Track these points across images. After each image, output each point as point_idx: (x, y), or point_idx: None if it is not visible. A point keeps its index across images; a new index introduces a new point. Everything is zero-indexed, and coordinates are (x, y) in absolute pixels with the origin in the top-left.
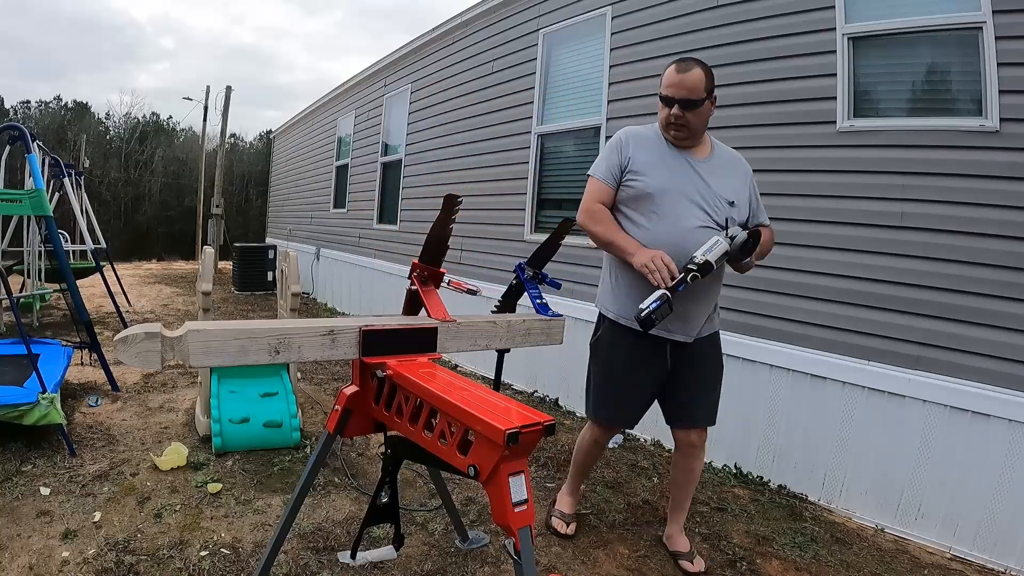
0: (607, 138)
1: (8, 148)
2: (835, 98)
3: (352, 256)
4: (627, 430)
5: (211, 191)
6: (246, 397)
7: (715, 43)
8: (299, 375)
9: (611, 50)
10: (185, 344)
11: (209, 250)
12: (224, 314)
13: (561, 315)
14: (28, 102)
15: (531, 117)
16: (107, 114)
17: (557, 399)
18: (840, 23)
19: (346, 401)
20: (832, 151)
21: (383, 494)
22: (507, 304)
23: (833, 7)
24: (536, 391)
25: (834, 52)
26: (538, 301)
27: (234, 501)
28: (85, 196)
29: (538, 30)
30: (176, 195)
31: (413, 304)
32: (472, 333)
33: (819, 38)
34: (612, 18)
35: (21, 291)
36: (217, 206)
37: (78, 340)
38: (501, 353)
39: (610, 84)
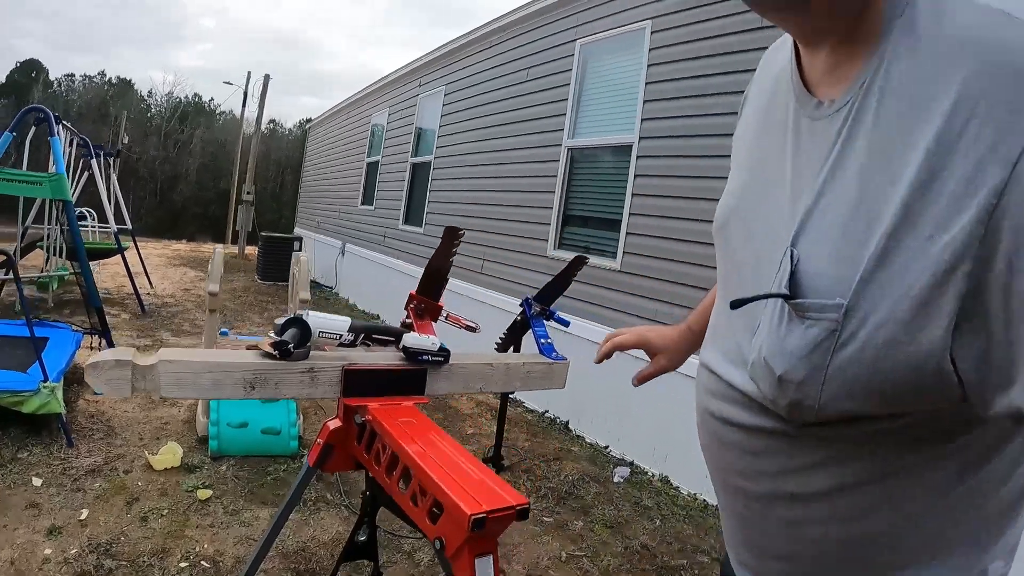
0: (639, 158)
1: (33, 129)
2: None
3: (376, 255)
4: (634, 463)
5: (245, 177)
6: (247, 401)
7: (753, 67)
8: None
9: (648, 66)
10: (156, 375)
11: (219, 250)
12: (242, 304)
13: (566, 359)
14: (72, 75)
15: (562, 130)
16: (149, 92)
17: (568, 422)
18: None
19: (328, 435)
20: None
21: (361, 532)
22: (510, 341)
23: None
24: (547, 411)
25: None
26: (543, 341)
27: (222, 510)
28: (115, 177)
29: (575, 40)
30: (213, 177)
31: None
32: (465, 375)
33: None
34: (651, 33)
35: (44, 268)
36: (248, 193)
37: (89, 325)
38: (504, 396)
39: (645, 101)
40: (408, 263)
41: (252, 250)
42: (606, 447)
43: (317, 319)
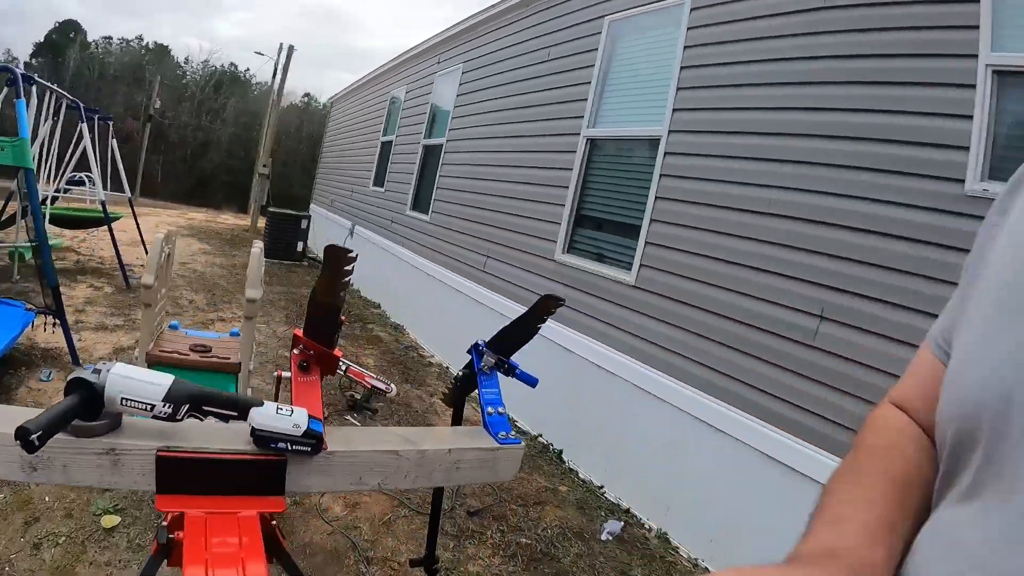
0: (666, 154)
1: (5, 91)
2: (967, 148)
3: (383, 240)
4: (630, 510)
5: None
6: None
7: (809, 54)
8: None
9: (684, 48)
10: None
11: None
12: (236, 283)
13: (519, 442)
14: (110, 38)
15: (583, 117)
16: (186, 59)
17: (561, 452)
18: (984, 51)
19: (171, 522)
20: (956, 220)
21: None
22: (454, 397)
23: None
24: (541, 435)
25: (973, 87)
26: (491, 411)
27: (125, 544)
28: (114, 142)
29: (603, 16)
30: (244, 147)
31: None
32: (352, 467)
33: (956, 65)
34: (691, 10)
35: (17, 239)
36: (264, 166)
37: (44, 305)
38: (438, 493)
39: (678, 89)
40: (413, 252)
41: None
42: (601, 487)
43: (121, 379)
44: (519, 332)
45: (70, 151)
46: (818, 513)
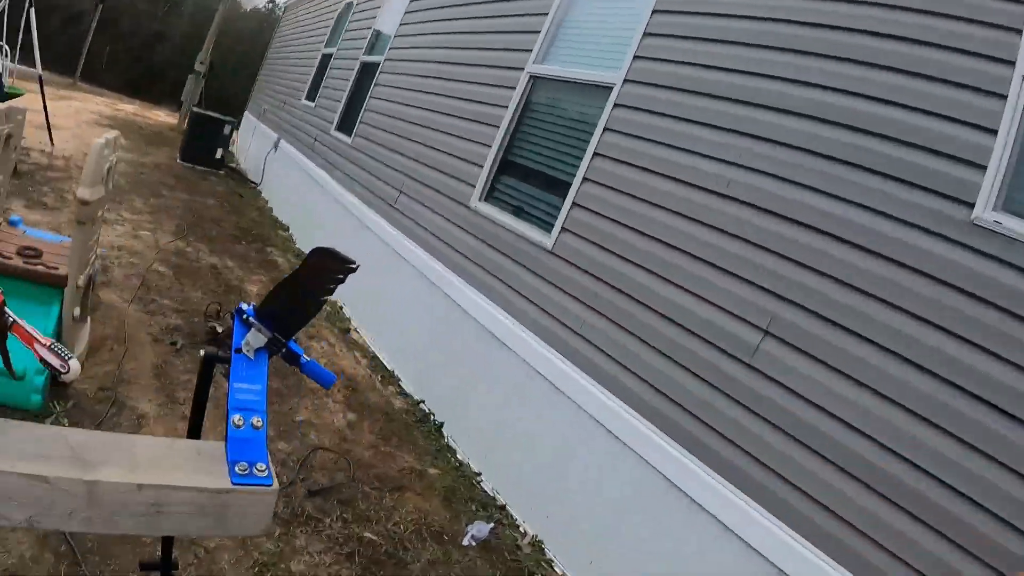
0: (615, 106)
1: None
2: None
3: (304, 159)
4: (506, 507)
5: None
6: None
7: (811, 20)
8: (113, 299)
9: None
10: None
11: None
12: (137, 183)
13: (270, 482)
14: None
15: (530, 51)
16: None
17: (443, 424)
18: None
19: None
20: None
21: None
22: (197, 388)
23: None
24: (423, 402)
25: (1004, 97)
26: (238, 420)
27: None
28: (32, 13)
29: None
30: (197, 46)
31: None
32: None
33: (990, 69)
34: None
35: None
36: (201, 63)
37: None
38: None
39: (645, 34)
40: (330, 176)
41: None
42: (478, 475)
43: None
44: (300, 301)
45: None
46: None
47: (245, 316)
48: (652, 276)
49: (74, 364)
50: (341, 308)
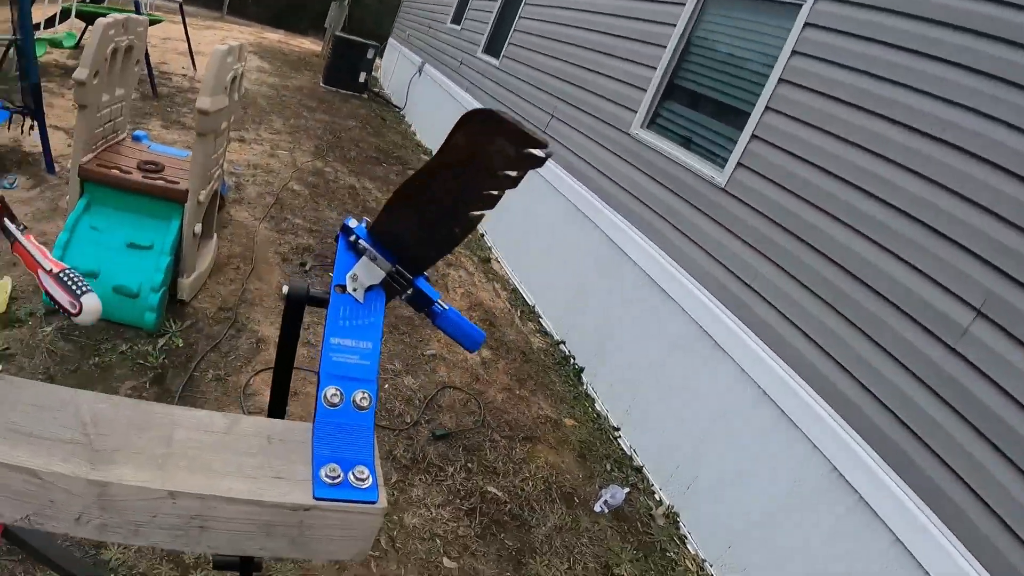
0: (806, 25)
1: None
2: None
3: (449, 82)
4: (643, 469)
5: None
6: (108, 242)
7: None
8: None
9: None
10: None
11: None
12: (278, 104)
13: (375, 498)
14: None
15: None
16: None
17: (583, 371)
18: None
19: None
20: None
21: None
22: (282, 335)
23: None
24: (563, 343)
25: None
26: (334, 394)
27: None
28: None
29: None
30: None
31: None
32: None
33: None
34: None
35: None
36: None
37: (23, 104)
38: None
39: None
40: (475, 100)
41: None
42: (616, 430)
43: None
44: (441, 216)
45: None
46: None
47: (354, 237)
48: (849, 231)
49: (89, 301)
50: (483, 235)
